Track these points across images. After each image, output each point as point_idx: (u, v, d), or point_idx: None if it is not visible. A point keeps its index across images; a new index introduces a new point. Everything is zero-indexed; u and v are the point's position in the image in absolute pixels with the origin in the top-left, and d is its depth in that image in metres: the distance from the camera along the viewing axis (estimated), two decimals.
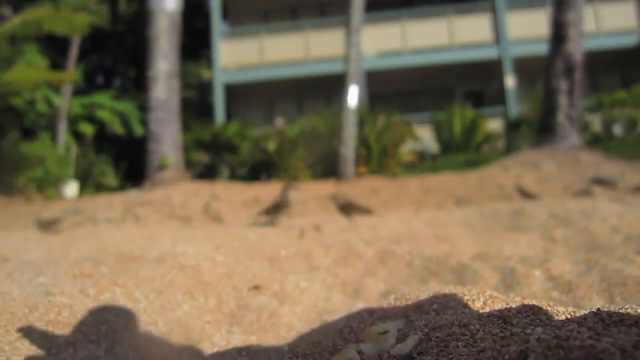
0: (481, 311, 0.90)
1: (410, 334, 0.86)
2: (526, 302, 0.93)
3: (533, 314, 0.84)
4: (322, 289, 2.19)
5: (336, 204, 4.82)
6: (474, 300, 1.04)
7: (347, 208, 4.68)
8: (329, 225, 4.08)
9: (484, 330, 0.79)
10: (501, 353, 0.67)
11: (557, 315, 0.85)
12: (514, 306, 0.90)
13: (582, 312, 0.83)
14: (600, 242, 2.83)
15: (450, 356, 0.75)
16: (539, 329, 0.76)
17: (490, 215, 4.39)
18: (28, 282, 1.90)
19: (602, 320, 0.75)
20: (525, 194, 6.59)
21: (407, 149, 13.97)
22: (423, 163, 13.82)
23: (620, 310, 0.76)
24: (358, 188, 9.38)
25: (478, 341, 0.76)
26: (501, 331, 0.79)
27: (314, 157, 12.54)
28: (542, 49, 11.76)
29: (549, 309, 0.87)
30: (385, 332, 0.93)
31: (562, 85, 10.33)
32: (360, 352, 0.89)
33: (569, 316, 0.84)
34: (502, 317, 0.84)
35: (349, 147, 11.32)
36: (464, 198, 7.52)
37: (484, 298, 1.05)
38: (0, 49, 11.65)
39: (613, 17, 17.01)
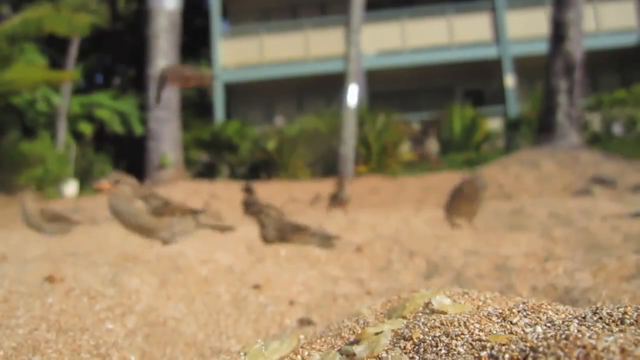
0: (480, 310, 0.90)
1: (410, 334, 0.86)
2: (526, 300, 0.93)
3: (533, 312, 0.84)
4: (324, 287, 2.19)
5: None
6: (473, 299, 1.04)
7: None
8: (327, 223, 4.08)
9: (483, 330, 0.79)
10: (501, 352, 0.67)
11: (557, 314, 0.85)
12: (513, 305, 0.90)
13: (582, 310, 0.83)
14: (600, 241, 2.83)
15: (449, 355, 0.75)
16: (539, 328, 0.76)
17: (490, 214, 4.39)
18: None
19: (602, 319, 0.75)
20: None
21: (406, 148, 13.98)
22: (423, 162, 13.82)
23: (620, 309, 0.76)
24: (358, 187, 9.38)
25: (477, 340, 0.76)
26: (501, 330, 0.79)
27: (313, 156, 12.55)
28: (542, 48, 11.76)
29: (549, 307, 0.87)
30: (380, 333, 0.93)
31: (562, 84, 10.33)
32: (352, 354, 0.89)
33: (569, 315, 0.84)
34: (502, 316, 0.84)
35: (348, 146, 11.32)
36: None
37: (484, 297, 1.05)
38: (1, 47, 11.64)
39: (613, 16, 17.01)
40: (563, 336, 0.63)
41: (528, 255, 2.33)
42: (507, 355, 0.65)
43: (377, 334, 0.93)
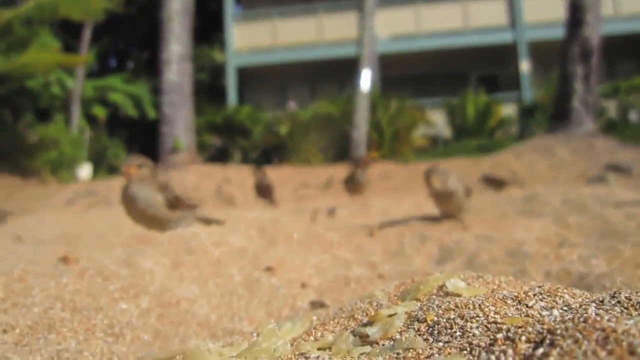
0: (495, 293, 0.89)
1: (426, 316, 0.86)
2: (542, 284, 0.93)
3: (549, 296, 0.84)
4: (336, 270, 2.19)
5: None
6: (488, 283, 1.03)
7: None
8: (341, 208, 4.08)
9: (499, 312, 0.79)
10: (518, 334, 0.66)
11: (573, 298, 0.84)
12: (529, 289, 0.89)
13: (600, 295, 0.82)
14: (614, 229, 2.80)
15: (464, 337, 0.75)
16: (556, 311, 0.75)
17: (504, 200, 4.36)
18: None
19: (620, 303, 0.74)
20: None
21: (419, 134, 13.90)
22: (435, 148, 13.75)
23: (639, 294, 0.75)
24: (370, 172, 9.35)
25: (493, 322, 0.75)
26: (517, 313, 0.78)
27: (326, 141, 12.52)
28: (558, 33, 11.57)
29: (565, 291, 0.86)
30: (394, 315, 0.93)
31: (578, 70, 10.18)
32: (365, 335, 0.89)
33: (586, 299, 0.83)
34: (518, 299, 0.83)
35: (361, 131, 11.29)
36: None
37: (499, 281, 1.04)
38: (15, 31, 11.70)
39: (631, 1, 16.70)
40: (581, 319, 0.62)
41: (542, 241, 2.31)
42: (523, 338, 0.65)
43: (390, 315, 0.93)
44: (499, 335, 0.68)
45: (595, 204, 3.77)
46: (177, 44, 11.67)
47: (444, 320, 0.81)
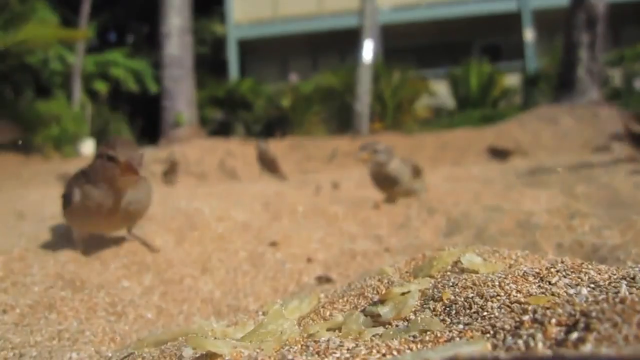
0: (514, 269, 0.84)
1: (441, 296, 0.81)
2: (563, 259, 0.87)
3: (573, 272, 0.78)
4: (342, 244, 2.15)
5: None
6: (504, 258, 0.98)
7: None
8: (345, 181, 4.03)
9: (521, 291, 0.74)
10: (547, 316, 0.61)
11: (599, 274, 0.79)
12: (549, 264, 0.84)
13: (628, 270, 0.77)
14: (622, 198, 2.75)
15: (485, 319, 0.70)
16: (584, 290, 0.70)
17: (509, 170, 4.31)
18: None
19: None
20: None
21: (422, 105, 13.77)
22: (439, 119, 13.62)
23: None
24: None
25: (516, 302, 0.70)
26: (540, 291, 0.73)
27: (328, 113, 12.42)
28: (563, 0, 11.36)
29: (590, 267, 0.81)
30: (407, 293, 0.88)
31: (583, 38, 10.01)
32: (377, 315, 0.85)
33: (613, 275, 0.78)
34: (540, 275, 0.78)
35: (363, 102, 11.18)
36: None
37: (515, 255, 0.99)
38: (12, 6, 11.55)
39: None
40: (617, 300, 0.57)
41: (551, 212, 2.26)
42: (553, 320, 0.59)
43: (403, 294, 0.88)
44: (525, 317, 0.63)
45: (603, 174, 3.72)
46: (177, 17, 11.52)
47: (462, 299, 0.76)
